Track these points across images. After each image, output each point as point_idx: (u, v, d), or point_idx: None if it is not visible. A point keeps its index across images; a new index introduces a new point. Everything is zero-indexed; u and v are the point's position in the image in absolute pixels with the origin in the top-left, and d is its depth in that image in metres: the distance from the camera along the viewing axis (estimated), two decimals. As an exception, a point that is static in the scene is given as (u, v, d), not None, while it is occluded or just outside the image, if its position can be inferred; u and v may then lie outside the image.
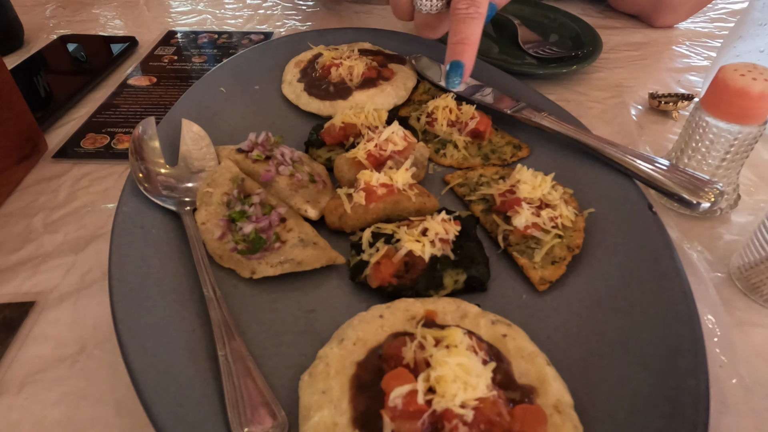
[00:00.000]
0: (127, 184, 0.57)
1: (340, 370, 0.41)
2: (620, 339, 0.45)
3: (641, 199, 0.57)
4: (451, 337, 0.39)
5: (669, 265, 0.49)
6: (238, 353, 0.43)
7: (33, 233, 0.62)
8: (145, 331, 0.44)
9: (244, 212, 0.55)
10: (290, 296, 0.51)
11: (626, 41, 1.06)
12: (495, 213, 0.58)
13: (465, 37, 0.61)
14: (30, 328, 0.51)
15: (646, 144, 0.76)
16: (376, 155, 0.60)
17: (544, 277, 0.52)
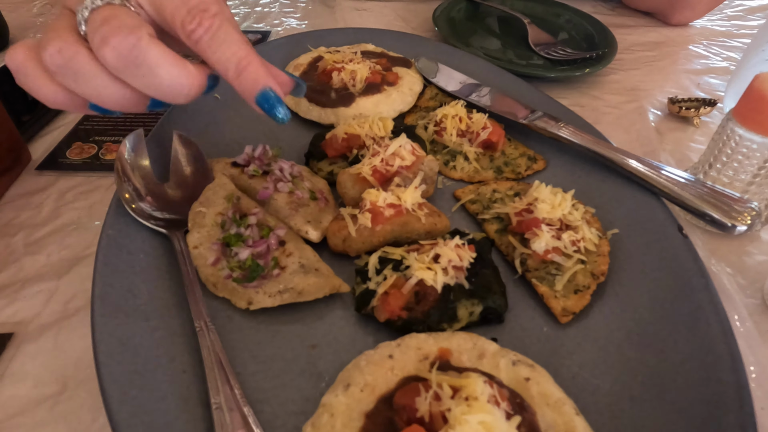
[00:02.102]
0: (113, 205, 0.53)
1: (347, 422, 0.37)
2: (653, 381, 0.41)
3: (670, 220, 0.52)
4: (470, 387, 0.35)
5: (704, 297, 0.45)
6: (234, 401, 0.39)
7: (13, 254, 0.57)
8: (130, 377, 0.39)
9: (240, 235, 0.51)
10: (290, 329, 0.47)
11: (641, 41, 1.02)
12: (511, 234, 0.54)
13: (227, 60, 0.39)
14: (7, 365, 0.47)
15: (667, 154, 0.72)
16: (383, 171, 0.55)
17: (567, 307, 0.47)
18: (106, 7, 0.37)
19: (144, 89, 0.39)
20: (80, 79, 0.38)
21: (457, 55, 0.83)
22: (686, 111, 0.78)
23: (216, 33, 0.38)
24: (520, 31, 0.98)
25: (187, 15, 0.38)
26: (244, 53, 0.39)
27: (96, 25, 0.36)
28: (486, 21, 1.06)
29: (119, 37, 0.35)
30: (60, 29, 0.38)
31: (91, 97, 0.39)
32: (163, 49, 0.37)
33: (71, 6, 0.39)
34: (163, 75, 0.37)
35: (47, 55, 0.37)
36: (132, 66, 0.36)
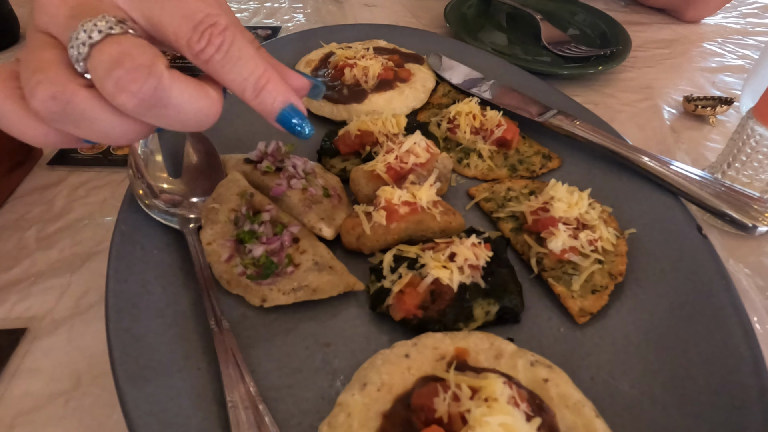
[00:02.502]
0: (126, 200, 0.53)
1: (364, 422, 0.37)
2: (674, 383, 0.41)
3: (689, 220, 0.52)
4: (490, 388, 0.35)
5: (725, 299, 0.44)
6: (249, 399, 0.39)
7: (25, 249, 0.57)
8: (145, 374, 0.39)
9: (254, 232, 0.50)
10: (304, 327, 0.46)
11: (654, 38, 1.00)
12: (526, 233, 0.53)
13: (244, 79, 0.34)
14: (21, 360, 0.47)
15: (683, 153, 0.71)
16: (397, 168, 0.55)
17: (584, 308, 0.47)
18: (109, 41, 0.30)
19: (164, 125, 0.33)
20: (82, 124, 0.31)
21: (469, 51, 0.83)
22: (702, 109, 0.77)
23: (229, 50, 0.33)
24: (532, 28, 0.97)
25: (194, 33, 0.32)
26: (261, 70, 0.34)
27: (105, 68, 0.29)
28: (497, 17, 1.05)
29: (138, 82, 0.29)
30: (47, 67, 0.30)
31: (93, 138, 0.32)
32: (184, 81, 0.32)
33: (51, 31, 0.32)
34: (188, 110, 0.32)
35: (38, 102, 0.29)
36: (154, 108, 0.31)
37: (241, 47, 0.33)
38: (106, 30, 0.30)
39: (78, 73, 0.31)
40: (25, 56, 0.31)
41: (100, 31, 0.30)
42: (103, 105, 0.30)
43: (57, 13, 0.31)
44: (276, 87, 0.35)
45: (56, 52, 0.31)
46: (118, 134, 0.32)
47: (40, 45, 0.31)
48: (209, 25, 0.32)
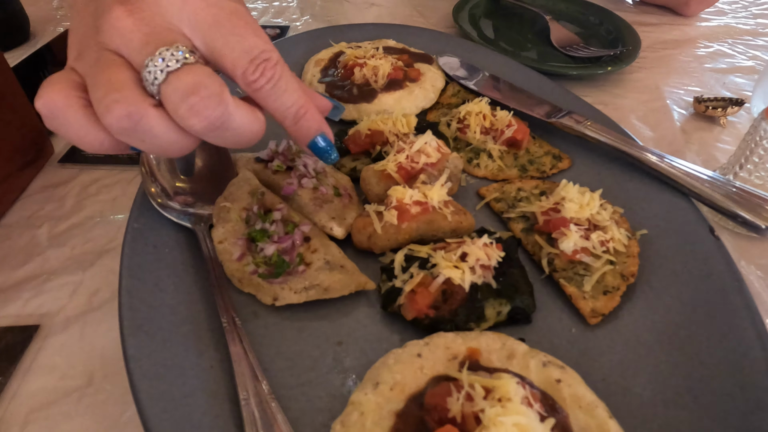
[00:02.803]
0: (138, 198, 0.53)
1: (377, 421, 0.37)
2: (687, 385, 0.40)
3: (701, 221, 0.51)
4: (503, 388, 0.35)
5: (738, 301, 0.44)
6: (262, 397, 0.39)
7: (38, 246, 0.58)
8: (159, 371, 0.39)
9: (265, 231, 0.51)
10: (316, 326, 0.46)
11: (664, 39, 1.00)
12: (537, 233, 0.53)
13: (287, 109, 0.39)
14: (34, 357, 0.47)
15: (693, 154, 0.71)
16: (408, 168, 0.55)
17: (596, 309, 0.47)
18: (186, 70, 0.33)
19: (218, 143, 0.37)
20: (146, 139, 0.34)
21: (478, 51, 0.83)
22: (712, 110, 0.76)
23: (278, 83, 0.37)
24: (541, 28, 0.97)
25: (250, 65, 0.36)
26: (302, 102, 0.39)
27: (181, 94, 0.33)
28: (506, 17, 1.05)
29: (210, 109, 0.33)
30: (122, 87, 0.33)
31: (148, 150, 0.36)
32: (243, 107, 0.36)
33: (122, 52, 0.34)
34: (244, 131, 0.36)
35: (113, 119, 0.32)
36: (218, 130, 0.35)
37: (287, 80, 0.38)
38: (182, 59, 0.33)
39: (148, 94, 0.34)
40: (99, 73, 0.33)
41: (177, 60, 0.33)
42: (169, 124, 0.34)
43: (132, 38, 0.34)
44: (312, 117, 0.41)
45: (129, 74, 0.34)
46: (173, 148, 0.36)
47: (112, 64, 0.34)
48: (264, 59, 0.36)
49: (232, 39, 0.36)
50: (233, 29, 0.36)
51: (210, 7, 0.36)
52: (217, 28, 0.36)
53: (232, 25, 0.36)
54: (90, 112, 0.34)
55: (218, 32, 0.36)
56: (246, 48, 0.36)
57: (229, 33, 0.36)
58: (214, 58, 0.36)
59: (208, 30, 0.36)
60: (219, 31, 0.36)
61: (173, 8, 0.35)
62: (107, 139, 0.35)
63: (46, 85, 0.34)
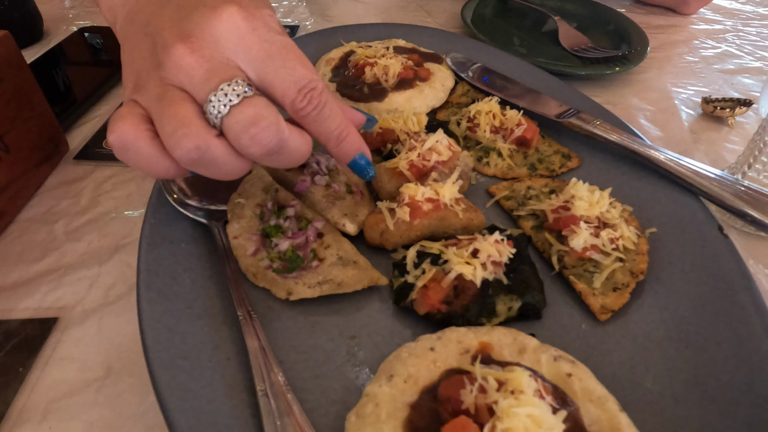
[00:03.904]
0: (154, 194, 0.54)
1: (392, 412, 0.37)
2: (696, 380, 0.41)
3: (710, 220, 0.52)
4: (516, 380, 0.36)
5: (747, 298, 0.45)
6: (278, 388, 0.39)
7: (55, 241, 0.59)
8: (178, 362, 0.40)
9: (279, 227, 0.51)
10: (330, 320, 0.47)
11: (671, 39, 1.01)
12: (547, 231, 0.54)
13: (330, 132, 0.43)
14: (53, 348, 0.48)
15: (701, 154, 0.71)
16: (419, 166, 0.56)
17: (606, 305, 0.47)
18: (246, 103, 0.36)
19: (274, 165, 0.41)
20: (210, 167, 0.38)
21: (487, 51, 0.83)
22: (721, 111, 0.77)
23: (323, 110, 0.40)
24: (550, 28, 0.97)
25: (298, 94, 0.39)
26: (344, 126, 0.43)
27: (242, 126, 0.36)
28: (515, 17, 1.05)
29: (269, 138, 0.36)
30: (189, 121, 0.36)
31: (210, 175, 0.39)
32: (295, 131, 0.39)
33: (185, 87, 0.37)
34: (296, 154, 0.40)
35: (183, 152, 0.35)
36: (274, 155, 0.38)
37: (331, 107, 0.41)
38: (242, 93, 0.36)
39: (211, 126, 0.37)
40: (165, 108, 0.36)
41: (238, 94, 0.36)
42: (230, 152, 0.37)
43: (194, 74, 0.37)
44: (353, 139, 0.45)
45: (193, 108, 0.37)
46: (233, 172, 0.39)
47: (178, 100, 0.36)
48: (311, 89, 0.39)
49: (282, 71, 0.38)
50: (284, 62, 0.38)
51: (263, 42, 0.38)
52: (269, 62, 0.38)
53: (282, 58, 0.38)
54: (158, 143, 0.37)
55: (270, 65, 0.38)
56: (295, 79, 0.38)
57: (280, 66, 0.38)
58: (265, 88, 0.39)
59: (261, 63, 0.38)
60: (271, 64, 0.38)
61: (230, 44, 0.38)
62: (173, 166, 0.38)
63: (115, 120, 0.37)
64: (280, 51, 0.39)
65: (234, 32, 0.38)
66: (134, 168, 0.39)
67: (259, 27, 0.38)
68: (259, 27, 0.38)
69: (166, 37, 0.37)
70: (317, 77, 0.40)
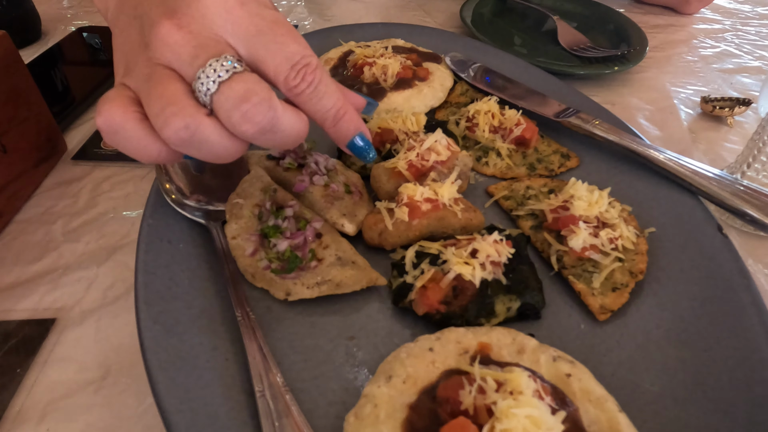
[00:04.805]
0: (152, 194, 0.54)
1: (391, 413, 0.37)
2: (696, 380, 0.41)
3: (709, 219, 0.52)
4: (515, 381, 0.35)
5: (746, 298, 0.44)
6: (277, 389, 0.39)
7: (53, 242, 0.59)
8: (176, 363, 0.40)
9: (278, 227, 0.51)
10: (328, 321, 0.47)
11: (671, 39, 1.00)
12: (546, 231, 0.54)
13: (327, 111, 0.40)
14: (51, 349, 0.48)
15: (700, 153, 0.71)
16: (418, 166, 0.55)
17: (605, 305, 0.47)
18: (236, 79, 0.34)
19: (267, 145, 0.39)
20: (202, 147, 0.36)
21: (486, 50, 0.83)
22: (720, 110, 0.77)
23: (317, 87, 0.38)
24: (549, 28, 0.97)
25: (291, 71, 0.37)
26: (341, 103, 0.41)
27: (233, 102, 0.34)
28: (513, 17, 1.05)
29: (261, 114, 0.34)
30: (177, 99, 0.34)
31: (203, 158, 0.37)
32: (290, 110, 0.37)
33: (173, 66, 0.35)
34: (290, 133, 0.37)
35: (172, 132, 0.34)
36: (267, 134, 0.36)
37: (326, 84, 0.39)
38: (231, 69, 0.34)
39: (201, 104, 0.35)
40: (153, 88, 0.35)
41: (227, 70, 0.34)
42: (222, 131, 0.36)
43: (182, 51, 0.35)
44: (350, 118, 0.42)
45: (181, 86, 0.35)
46: (226, 154, 0.37)
47: (165, 78, 0.35)
48: (304, 65, 0.37)
49: (273, 47, 0.37)
50: (274, 37, 0.37)
51: (252, 17, 0.37)
52: (259, 37, 0.37)
53: (273, 33, 0.37)
54: (147, 125, 0.35)
55: (260, 41, 0.37)
56: (287, 55, 0.37)
57: (271, 41, 0.37)
58: (256, 66, 0.37)
59: (251, 39, 0.37)
60: (261, 39, 0.37)
61: (218, 19, 0.36)
62: (164, 149, 0.36)
63: (103, 102, 0.36)
64: (270, 26, 0.37)
65: (221, 7, 0.36)
66: (124, 152, 0.37)
67: (249, 1, 0.37)
68: (248, 1, 0.37)
69: (152, 16, 0.36)
70: (311, 53, 0.38)
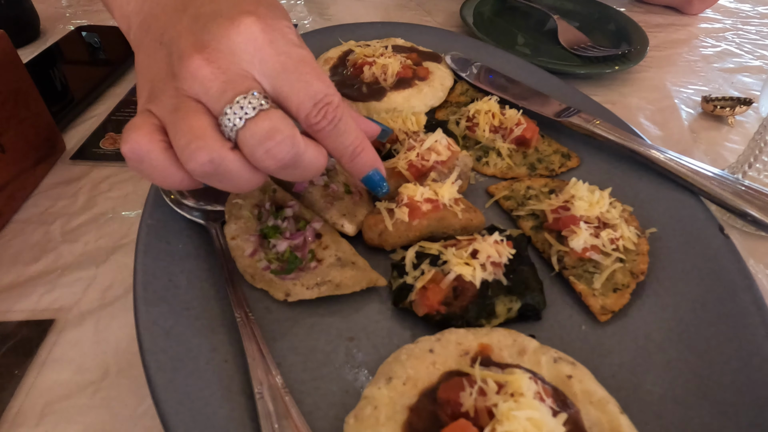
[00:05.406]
0: (151, 195, 0.53)
1: (391, 415, 0.37)
2: (697, 382, 0.41)
3: (710, 220, 0.52)
4: (516, 383, 0.35)
5: (748, 298, 0.44)
6: (276, 390, 0.39)
7: (51, 242, 0.58)
8: (174, 365, 0.40)
9: (277, 227, 0.51)
10: (328, 322, 0.47)
11: (671, 38, 1.00)
12: (547, 231, 0.54)
13: (345, 148, 0.42)
14: (49, 350, 0.48)
15: (701, 153, 0.71)
16: (418, 166, 0.55)
17: (606, 306, 0.47)
18: (262, 116, 0.35)
19: (288, 179, 0.40)
20: (224, 179, 0.37)
21: (486, 50, 0.83)
22: (720, 110, 0.76)
23: (338, 125, 0.40)
24: (549, 27, 0.97)
25: (313, 108, 0.38)
26: (358, 141, 0.42)
27: (258, 139, 0.35)
28: (514, 16, 1.05)
29: (284, 152, 0.35)
30: (204, 134, 0.35)
31: (226, 189, 0.39)
32: (311, 145, 0.38)
33: (201, 99, 0.36)
34: (312, 167, 0.39)
35: (197, 165, 0.35)
36: (289, 168, 0.37)
37: (346, 122, 0.41)
38: (258, 106, 0.35)
39: (225, 138, 0.36)
40: (180, 120, 0.35)
41: (254, 108, 0.35)
42: (245, 165, 0.37)
43: (210, 86, 0.36)
44: (367, 155, 0.44)
45: (208, 120, 0.36)
46: (248, 186, 0.38)
47: (193, 112, 0.36)
48: (326, 103, 0.39)
49: (297, 85, 0.38)
50: (300, 76, 0.38)
51: (279, 55, 0.38)
52: (285, 75, 0.37)
53: (298, 72, 0.38)
54: (171, 155, 0.36)
55: (286, 78, 0.38)
56: (311, 93, 0.38)
57: (296, 79, 0.38)
58: (280, 102, 0.38)
59: (277, 76, 0.37)
60: (287, 77, 0.38)
61: (246, 56, 0.37)
62: (187, 178, 0.37)
63: (130, 130, 0.36)
64: (296, 64, 0.38)
65: (251, 44, 0.37)
66: (146, 179, 0.38)
67: (277, 39, 0.38)
68: (276, 39, 0.38)
69: (182, 48, 0.36)
70: (333, 91, 0.39)
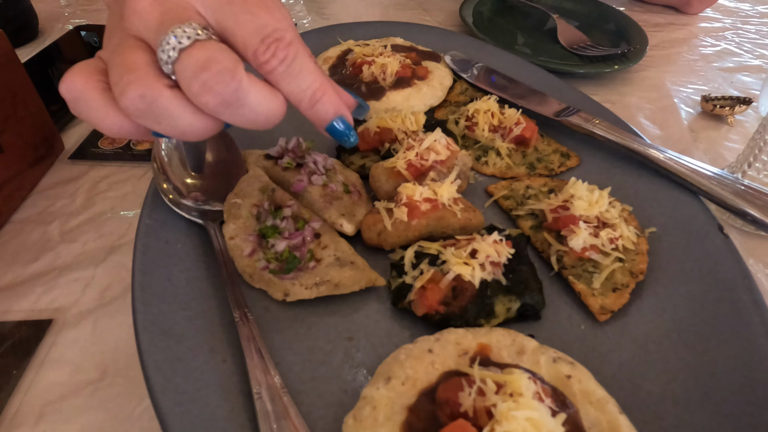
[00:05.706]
0: (149, 194, 0.53)
1: (390, 415, 0.37)
2: (696, 381, 0.41)
3: (710, 219, 0.52)
4: (515, 383, 0.35)
5: (747, 298, 0.44)
6: (275, 390, 0.39)
7: (50, 242, 0.58)
8: (173, 365, 0.40)
9: (276, 227, 0.51)
10: (327, 322, 0.47)
11: (671, 38, 1.00)
12: (546, 231, 0.53)
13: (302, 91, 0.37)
14: (47, 350, 0.48)
15: (701, 152, 0.71)
16: (417, 165, 0.55)
17: (605, 305, 0.47)
18: (197, 46, 0.32)
19: (237, 123, 0.35)
20: (163, 121, 0.33)
21: (485, 49, 0.83)
22: (720, 109, 0.76)
23: (291, 64, 0.35)
24: (548, 26, 0.97)
25: (261, 44, 0.34)
26: (318, 84, 0.37)
27: (192, 70, 0.32)
28: (513, 15, 1.05)
29: (222, 83, 0.32)
30: (136, 68, 0.32)
31: (168, 133, 0.35)
32: (259, 84, 0.34)
33: (141, 35, 0.34)
34: (260, 109, 0.34)
35: (127, 100, 0.32)
36: (232, 107, 0.33)
37: (302, 62, 0.36)
38: (194, 36, 0.32)
39: (164, 75, 0.33)
40: (116, 56, 0.33)
41: (189, 37, 0.32)
42: (184, 104, 0.33)
43: (148, 18, 0.33)
44: (330, 100, 0.38)
45: (145, 55, 0.33)
46: (192, 130, 0.35)
47: (130, 47, 0.33)
48: (275, 39, 0.34)
49: (242, 17, 0.34)
50: (245, 7, 0.34)
51: None
52: (229, 7, 0.34)
53: (243, 2, 0.34)
54: (109, 96, 0.34)
55: (230, 11, 0.34)
56: (257, 26, 0.34)
57: (240, 11, 0.34)
58: (225, 38, 0.35)
59: (220, 8, 0.34)
60: (230, 8, 0.34)
61: None
62: (126, 122, 0.35)
63: (69, 71, 0.34)
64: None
65: None
66: (87, 121, 0.35)
67: None
68: None
69: None
70: (285, 26, 0.34)
